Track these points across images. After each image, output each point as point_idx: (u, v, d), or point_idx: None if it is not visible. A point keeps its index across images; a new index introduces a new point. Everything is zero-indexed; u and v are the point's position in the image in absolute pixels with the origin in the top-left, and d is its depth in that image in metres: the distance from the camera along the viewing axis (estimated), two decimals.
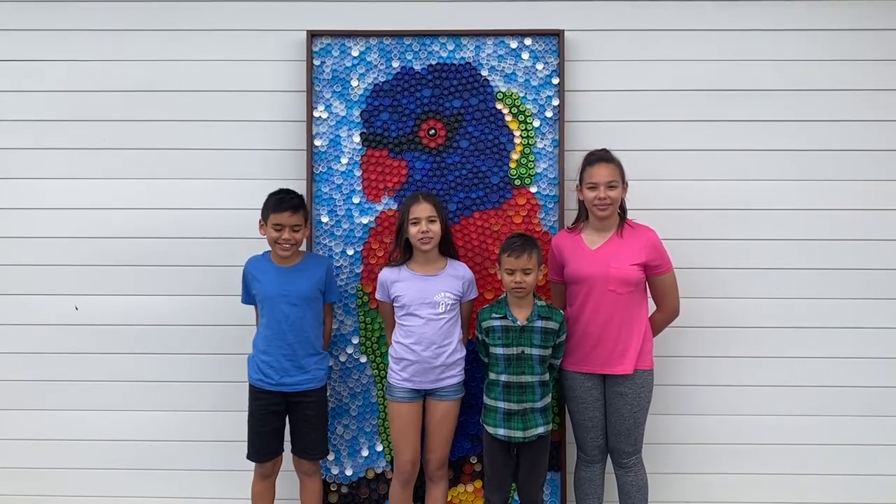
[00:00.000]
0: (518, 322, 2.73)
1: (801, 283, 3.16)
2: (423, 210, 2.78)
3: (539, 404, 2.75)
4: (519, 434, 2.73)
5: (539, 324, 2.74)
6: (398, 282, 2.83)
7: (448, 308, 2.79)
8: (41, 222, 3.19)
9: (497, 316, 2.76)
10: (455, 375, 2.81)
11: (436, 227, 2.78)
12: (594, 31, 3.14)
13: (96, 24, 3.17)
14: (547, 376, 2.78)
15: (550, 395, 2.80)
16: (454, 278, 2.84)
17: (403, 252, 2.86)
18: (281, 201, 2.78)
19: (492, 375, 2.77)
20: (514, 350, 2.72)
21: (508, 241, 2.77)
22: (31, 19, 3.17)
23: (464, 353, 2.84)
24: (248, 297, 2.92)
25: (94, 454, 3.22)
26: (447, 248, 2.88)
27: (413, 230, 2.78)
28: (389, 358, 2.87)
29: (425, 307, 2.78)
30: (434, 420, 2.81)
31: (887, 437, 3.18)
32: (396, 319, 2.85)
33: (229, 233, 3.15)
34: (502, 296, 2.83)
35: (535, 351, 2.73)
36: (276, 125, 3.16)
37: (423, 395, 2.83)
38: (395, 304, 2.84)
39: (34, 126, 3.18)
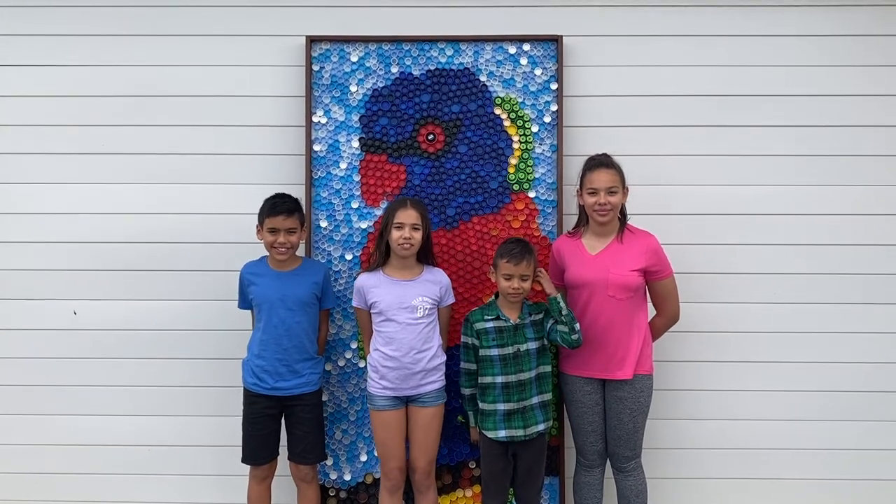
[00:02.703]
0: (510, 321, 2.74)
1: (801, 287, 3.16)
2: (408, 216, 2.77)
3: (536, 400, 2.75)
4: (520, 433, 2.73)
5: (529, 319, 2.77)
6: (375, 287, 2.81)
7: (426, 313, 2.79)
8: (39, 227, 3.19)
9: (489, 317, 2.77)
10: (436, 381, 2.80)
11: (418, 235, 2.78)
12: (593, 36, 3.15)
13: (96, 29, 3.18)
14: (546, 368, 2.78)
15: (549, 391, 2.81)
16: (431, 283, 2.83)
17: (381, 255, 2.84)
18: (275, 205, 2.79)
19: (486, 379, 2.77)
20: (509, 349, 2.73)
21: (506, 245, 2.77)
22: (31, 25, 3.18)
23: (444, 358, 2.84)
24: (244, 303, 2.92)
25: (91, 459, 3.21)
26: (426, 257, 2.88)
27: (395, 234, 2.77)
28: (368, 367, 2.85)
29: (403, 312, 2.77)
30: (418, 427, 2.80)
31: (885, 441, 3.18)
32: (374, 327, 2.83)
33: (229, 237, 3.15)
34: (491, 298, 2.84)
35: (532, 345, 2.75)
36: (275, 130, 3.16)
37: (405, 403, 2.82)
38: (371, 311, 2.82)
39: (34, 131, 3.18)
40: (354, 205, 3.12)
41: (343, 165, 3.12)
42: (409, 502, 2.97)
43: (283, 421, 2.88)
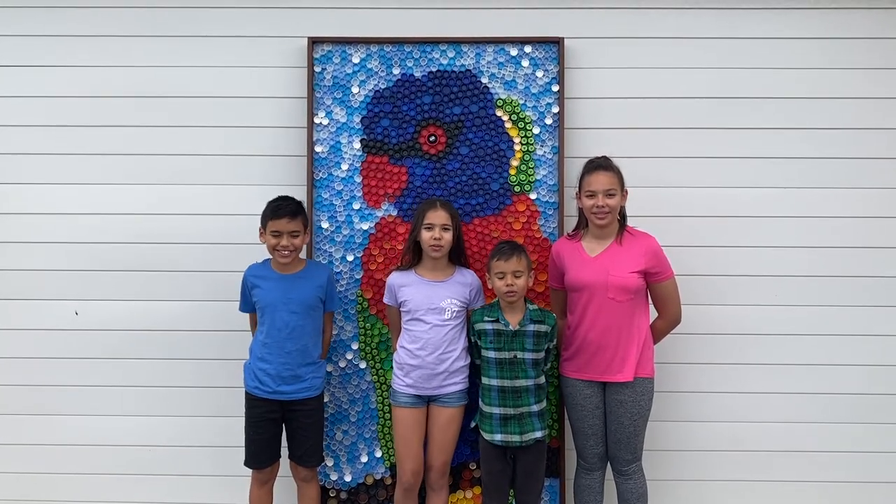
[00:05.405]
0: (510, 327, 2.74)
1: (802, 290, 3.16)
2: (438, 217, 2.78)
3: (535, 408, 2.75)
4: (516, 438, 2.73)
5: (531, 328, 2.75)
6: (405, 286, 2.83)
7: (454, 315, 2.80)
8: (41, 227, 3.19)
9: (489, 319, 2.77)
10: (458, 382, 2.82)
11: (448, 236, 2.79)
12: (594, 38, 3.15)
13: (99, 30, 3.18)
14: (542, 379, 2.78)
15: (546, 399, 2.81)
16: (462, 285, 2.84)
17: (413, 256, 2.86)
18: (278, 208, 2.78)
19: (485, 380, 2.78)
20: (506, 354, 2.73)
21: (497, 247, 2.80)
22: (35, 25, 3.18)
23: (468, 360, 2.85)
24: (245, 305, 2.91)
25: (92, 459, 3.22)
26: (458, 257, 2.89)
27: (426, 235, 2.79)
28: (393, 363, 2.88)
29: (431, 313, 2.79)
30: (437, 426, 2.81)
31: (886, 444, 3.18)
32: (403, 324, 2.85)
33: (230, 238, 3.15)
34: (495, 300, 2.84)
35: (528, 355, 2.74)
36: (277, 131, 3.17)
37: (427, 402, 2.83)
38: (401, 309, 2.85)
39: (37, 132, 3.19)
40: (356, 206, 3.13)
41: (344, 167, 3.13)
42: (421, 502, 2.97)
43: (284, 424, 2.86)
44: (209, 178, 3.18)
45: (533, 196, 3.11)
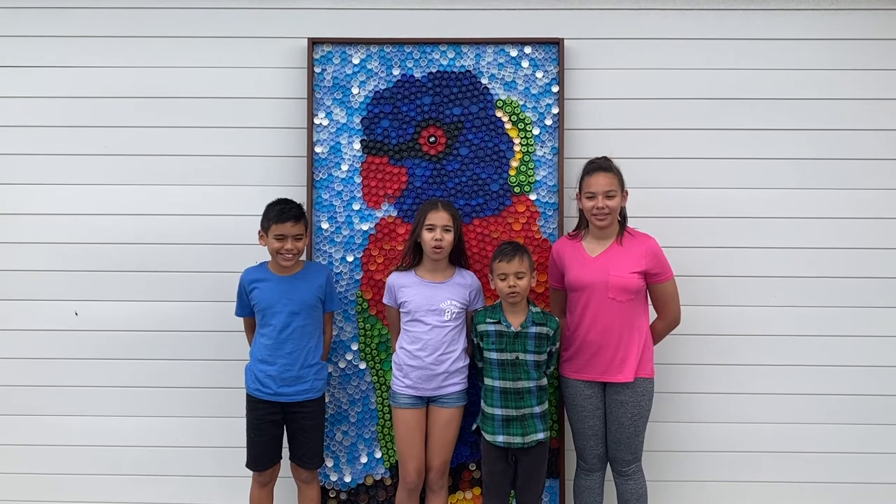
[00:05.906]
0: (512, 328, 2.74)
1: (801, 291, 3.17)
2: (440, 218, 2.78)
3: (537, 410, 2.75)
4: (518, 440, 2.73)
5: (533, 329, 2.74)
6: (405, 287, 2.84)
7: (454, 316, 2.80)
8: (41, 228, 3.19)
9: (492, 321, 2.76)
10: (458, 383, 2.82)
11: (449, 237, 2.79)
12: (594, 39, 3.15)
13: (99, 31, 3.18)
14: (545, 381, 2.78)
15: (548, 400, 2.81)
16: (461, 287, 2.84)
17: (413, 257, 2.86)
18: (283, 212, 2.77)
19: (487, 381, 2.78)
20: (508, 356, 2.73)
21: (499, 248, 2.80)
22: (35, 26, 3.18)
23: (467, 361, 2.85)
24: (242, 309, 2.90)
25: (93, 460, 3.22)
26: (458, 258, 2.89)
27: (427, 236, 2.79)
28: (392, 364, 2.87)
29: (431, 314, 2.79)
30: (437, 427, 2.82)
31: (886, 445, 3.19)
32: (402, 325, 2.86)
33: (230, 239, 3.15)
34: (497, 301, 2.84)
35: (530, 357, 2.73)
36: (277, 132, 3.17)
37: (427, 402, 2.83)
38: (401, 310, 2.85)
39: (36, 132, 3.19)
40: (356, 207, 3.13)
41: (344, 167, 3.13)
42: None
43: (285, 426, 2.86)
44: (209, 179, 3.18)
45: (533, 197, 3.11)
